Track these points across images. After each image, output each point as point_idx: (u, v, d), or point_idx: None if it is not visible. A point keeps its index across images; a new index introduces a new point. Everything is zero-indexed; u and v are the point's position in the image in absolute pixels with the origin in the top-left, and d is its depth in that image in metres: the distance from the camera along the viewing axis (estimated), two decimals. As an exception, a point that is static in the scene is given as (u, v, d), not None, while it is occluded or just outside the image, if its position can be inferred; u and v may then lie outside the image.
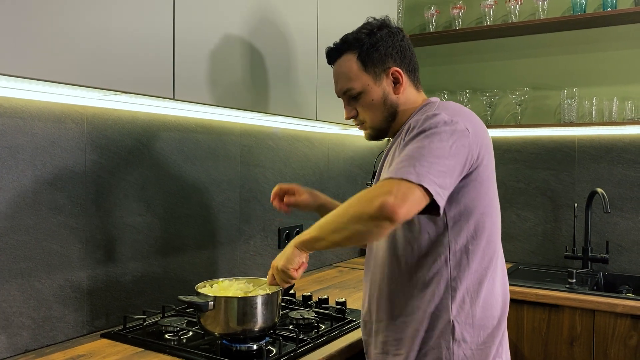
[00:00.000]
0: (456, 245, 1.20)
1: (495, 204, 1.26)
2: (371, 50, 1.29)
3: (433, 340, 1.21)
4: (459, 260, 1.20)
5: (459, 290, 1.20)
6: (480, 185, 1.20)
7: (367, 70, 1.29)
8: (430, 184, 1.05)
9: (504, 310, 1.27)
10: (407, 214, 1.04)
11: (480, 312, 1.22)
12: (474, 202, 1.20)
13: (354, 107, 1.34)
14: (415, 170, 1.06)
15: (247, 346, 1.35)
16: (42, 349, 1.38)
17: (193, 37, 1.35)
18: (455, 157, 1.11)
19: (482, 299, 1.22)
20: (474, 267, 1.21)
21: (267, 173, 2.12)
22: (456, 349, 1.19)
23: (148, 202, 1.65)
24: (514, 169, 2.77)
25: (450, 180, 1.10)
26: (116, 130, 1.55)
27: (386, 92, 1.30)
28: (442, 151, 1.10)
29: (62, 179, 1.41)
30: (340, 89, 1.35)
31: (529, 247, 2.74)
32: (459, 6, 2.78)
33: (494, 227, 1.25)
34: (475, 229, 1.20)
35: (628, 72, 2.53)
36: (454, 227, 1.19)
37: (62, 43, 1.06)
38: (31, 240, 1.35)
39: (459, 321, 1.20)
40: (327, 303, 1.76)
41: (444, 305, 1.21)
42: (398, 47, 1.31)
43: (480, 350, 1.21)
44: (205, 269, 1.86)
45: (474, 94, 2.85)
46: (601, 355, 2.02)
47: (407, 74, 1.33)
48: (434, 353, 1.21)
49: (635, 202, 2.49)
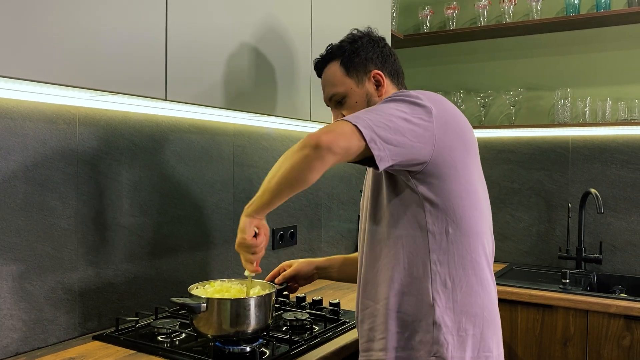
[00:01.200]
0: (435, 228, 1.20)
1: (479, 194, 1.26)
2: (352, 56, 1.36)
3: (415, 323, 1.21)
4: (439, 243, 1.20)
5: (439, 274, 1.20)
6: (456, 172, 1.19)
7: (350, 75, 1.36)
8: (366, 127, 1.06)
9: (491, 300, 1.26)
10: (331, 143, 1.04)
11: (462, 298, 1.21)
12: (451, 188, 1.19)
13: (340, 112, 1.39)
14: (357, 115, 1.10)
15: (240, 348, 1.34)
16: (33, 351, 1.36)
17: (186, 37, 1.34)
18: (408, 123, 1.11)
19: (465, 285, 1.21)
20: (455, 252, 1.21)
21: (261, 173, 2.11)
22: (436, 332, 1.19)
23: (141, 203, 1.64)
24: (508, 169, 2.78)
25: (397, 138, 1.09)
26: (108, 131, 1.54)
27: (369, 94, 1.35)
28: (396, 112, 1.12)
29: (53, 180, 1.40)
30: (326, 95, 1.41)
31: (523, 248, 2.74)
32: (453, 6, 2.78)
33: (478, 215, 1.24)
34: (455, 216, 1.20)
35: (621, 72, 2.54)
36: (432, 211, 1.19)
37: (53, 43, 1.05)
38: (22, 242, 1.34)
39: (439, 304, 1.20)
40: (320, 304, 1.76)
41: (424, 287, 1.21)
42: (379, 53, 1.38)
43: (461, 337, 1.20)
44: (199, 270, 1.85)
45: (468, 94, 2.86)
46: (594, 355, 2.03)
47: (390, 77, 1.38)
48: (417, 336, 1.21)
49: (628, 203, 2.50)
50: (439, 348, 1.19)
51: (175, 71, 1.31)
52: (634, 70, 2.51)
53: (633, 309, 1.95)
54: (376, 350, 1.26)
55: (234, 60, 1.49)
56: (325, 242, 2.53)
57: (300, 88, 1.76)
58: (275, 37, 1.65)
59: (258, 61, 1.58)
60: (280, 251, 2.21)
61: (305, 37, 1.78)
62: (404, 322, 1.23)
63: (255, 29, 1.57)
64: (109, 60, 1.16)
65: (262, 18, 1.59)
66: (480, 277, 1.24)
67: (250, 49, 1.55)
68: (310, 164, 1.07)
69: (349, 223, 2.68)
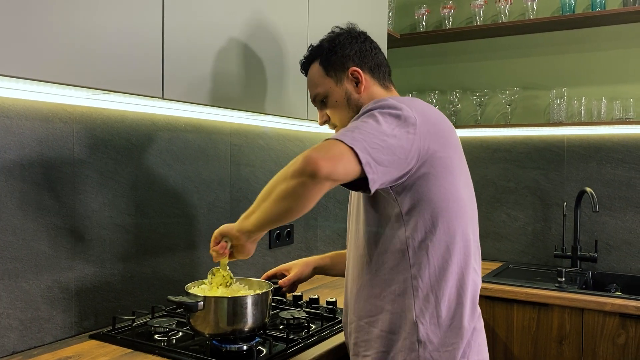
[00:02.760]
0: (414, 241, 1.16)
1: (462, 198, 1.21)
2: (330, 55, 1.35)
3: (400, 342, 1.18)
4: (419, 257, 1.16)
5: (421, 289, 1.17)
6: (435, 178, 1.15)
7: (329, 74, 1.35)
8: (362, 151, 1.01)
9: (473, 308, 1.23)
10: (331, 171, 0.99)
11: (446, 311, 1.18)
12: (428, 195, 1.15)
13: (325, 112, 1.39)
14: (352, 135, 1.04)
15: (237, 346, 1.34)
16: (30, 350, 1.36)
17: (183, 36, 1.34)
18: (398, 139, 1.07)
19: (448, 297, 1.18)
20: (435, 263, 1.17)
21: (257, 172, 2.11)
22: (422, 351, 1.16)
23: (137, 202, 1.64)
24: (504, 168, 2.78)
25: (388, 158, 1.05)
26: (105, 130, 1.54)
27: (348, 92, 1.33)
28: (384, 128, 1.07)
29: (49, 178, 1.40)
30: (311, 96, 1.42)
31: (519, 246, 2.75)
32: (449, 6, 2.78)
33: (460, 222, 1.19)
34: (433, 224, 1.16)
35: (616, 72, 2.55)
36: (410, 222, 1.16)
37: (50, 41, 1.05)
38: (18, 241, 1.34)
39: (423, 322, 1.16)
40: (317, 303, 1.76)
41: (407, 305, 1.17)
42: (357, 49, 1.34)
43: (447, 352, 1.17)
44: (196, 269, 1.85)
45: (464, 93, 2.86)
46: (590, 353, 2.04)
47: (370, 72, 1.34)
48: (400, 355, 1.18)
49: (623, 202, 2.51)
50: None
51: (172, 70, 1.31)
52: (629, 70, 2.52)
53: (628, 307, 1.96)
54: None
55: (232, 59, 1.49)
56: (322, 241, 2.53)
57: (296, 87, 1.76)
58: (272, 36, 1.65)
59: (254, 61, 1.58)
60: (276, 250, 2.21)
61: (302, 36, 1.78)
62: (388, 341, 1.20)
63: (253, 28, 1.57)
64: (105, 59, 1.16)
65: (259, 18, 1.59)
66: (463, 285, 1.20)
67: (247, 49, 1.55)
68: (308, 192, 1.02)
69: (345, 222, 2.68)
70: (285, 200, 1.05)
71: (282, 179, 1.06)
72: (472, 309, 1.22)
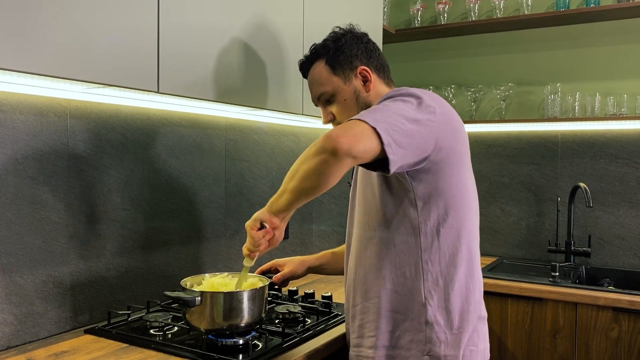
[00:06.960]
0: (426, 226, 1.20)
1: (469, 190, 1.26)
2: (337, 54, 1.35)
3: (407, 322, 1.22)
4: (431, 242, 1.20)
5: (431, 273, 1.21)
6: (450, 168, 1.19)
7: (336, 73, 1.35)
8: (384, 131, 1.03)
9: (479, 296, 1.28)
10: (350, 147, 1.01)
11: (455, 295, 1.22)
12: (442, 184, 1.19)
13: (329, 111, 1.39)
14: (374, 116, 1.06)
15: (233, 341, 1.34)
16: (25, 345, 1.36)
17: (178, 30, 1.33)
18: (419, 125, 1.11)
19: (457, 282, 1.22)
20: (446, 249, 1.21)
21: (252, 167, 2.11)
22: (429, 331, 1.20)
23: (132, 197, 1.63)
24: (498, 163, 2.79)
25: (408, 141, 1.08)
26: (99, 124, 1.53)
27: (357, 90, 1.35)
28: (406, 113, 1.10)
29: (44, 173, 1.39)
30: (314, 95, 1.41)
31: (513, 241, 2.77)
32: (444, 1, 2.79)
33: (468, 213, 1.24)
34: (446, 211, 1.20)
35: (610, 68, 2.56)
36: (424, 208, 1.20)
37: (45, 34, 1.04)
38: (13, 236, 1.33)
39: (431, 303, 1.20)
40: (313, 297, 1.77)
41: (417, 287, 1.21)
42: (363, 49, 1.37)
43: (454, 335, 1.21)
44: (191, 264, 1.85)
45: (459, 89, 2.87)
46: (583, 347, 2.05)
47: (376, 72, 1.37)
48: (407, 335, 1.22)
49: (616, 197, 2.53)
50: (432, 347, 1.20)
51: (168, 64, 1.30)
52: (623, 66, 2.53)
53: (621, 301, 1.97)
54: (366, 347, 1.27)
55: (227, 54, 1.49)
56: (317, 237, 2.53)
57: (292, 82, 1.76)
58: (267, 32, 1.65)
59: (250, 55, 1.58)
60: (272, 245, 2.21)
61: (297, 32, 1.78)
62: (395, 321, 1.23)
63: (248, 24, 1.56)
64: (100, 53, 1.15)
65: (254, 13, 1.58)
66: (472, 273, 1.25)
67: (242, 43, 1.54)
68: (329, 170, 1.04)
69: (340, 217, 2.69)
70: (309, 179, 1.07)
71: (306, 158, 1.08)
72: (479, 297, 1.27)
